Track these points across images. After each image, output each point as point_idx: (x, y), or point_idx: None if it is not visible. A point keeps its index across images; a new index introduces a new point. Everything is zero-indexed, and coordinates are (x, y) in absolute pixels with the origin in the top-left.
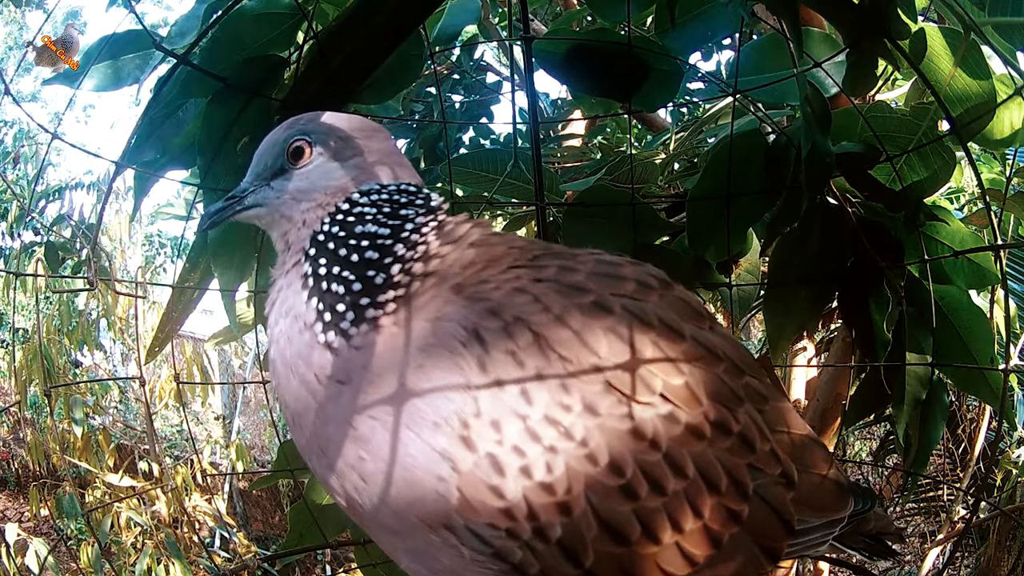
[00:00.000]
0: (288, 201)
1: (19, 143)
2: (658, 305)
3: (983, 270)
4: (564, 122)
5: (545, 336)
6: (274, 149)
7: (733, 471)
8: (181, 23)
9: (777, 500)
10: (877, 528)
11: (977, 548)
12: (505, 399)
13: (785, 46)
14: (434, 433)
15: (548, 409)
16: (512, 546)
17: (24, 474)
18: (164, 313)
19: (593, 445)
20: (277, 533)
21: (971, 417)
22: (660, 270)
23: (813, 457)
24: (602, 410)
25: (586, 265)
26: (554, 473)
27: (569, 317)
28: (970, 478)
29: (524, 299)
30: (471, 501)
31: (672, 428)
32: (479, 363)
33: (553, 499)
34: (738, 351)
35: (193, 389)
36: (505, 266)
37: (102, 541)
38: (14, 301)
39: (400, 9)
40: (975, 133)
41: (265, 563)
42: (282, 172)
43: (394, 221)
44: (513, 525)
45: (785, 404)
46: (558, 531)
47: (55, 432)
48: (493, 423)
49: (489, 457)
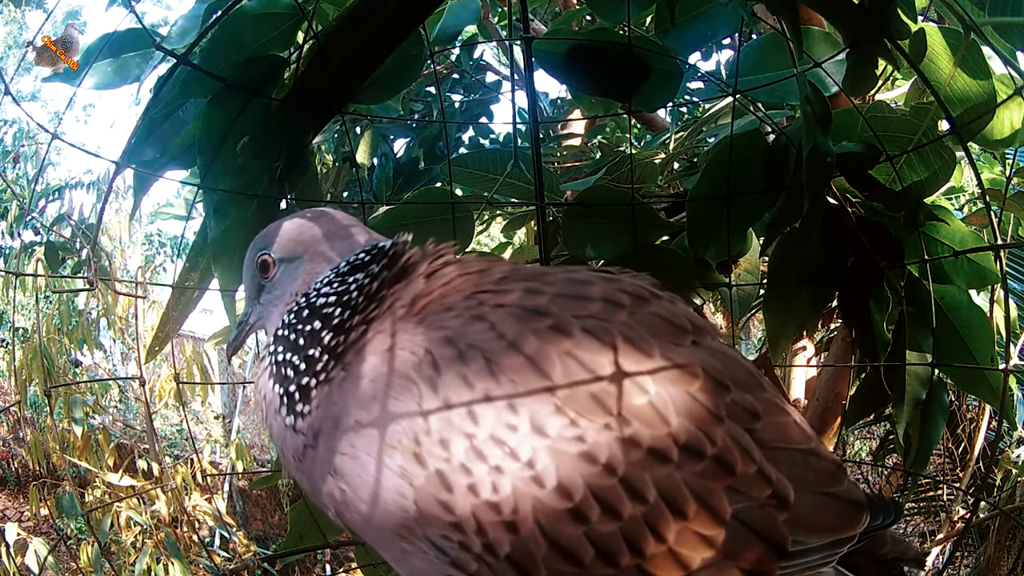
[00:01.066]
0: (270, 309)
1: (19, 142)
2: (625, 324)
3: (983, 270)
4: (564, 122)
5: (497, 362)
6: (250, 271)
7: (704, 496)
8: (181, 23)
9: (764, 524)
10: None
11: (977, 548)
12: (452, 418)
13: (785, 46)
14: (392, 452)
15: (494, 429)
16: (466, 557)
17: (24, 473)
18: (164, 313)
19: (540, 467)
20: (277, 533)
21: (971, 417)
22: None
23: (819, 472)
24: (551, 432)
25: (553, 287)
26: (500, 493)
27: (523, 343)
28: (970, 478)
29: (480, 327)
30: (425, 514)
31: (631, 451)
32: (430, 385)
33: (499, 518)
34: (727, 367)
35: (193, 389)
36: (469, 291)
37: (102, 540)
38: (14, 301)
39: (400, 9)
40: (975, 133)
41: (265, 563)
42: (261, 288)
43: (340, 288)
44: (464, 539)
45: (784, 419)
46: (507, 548)
47: (55, 431)
48: (441, 441)
49: (438, 474)
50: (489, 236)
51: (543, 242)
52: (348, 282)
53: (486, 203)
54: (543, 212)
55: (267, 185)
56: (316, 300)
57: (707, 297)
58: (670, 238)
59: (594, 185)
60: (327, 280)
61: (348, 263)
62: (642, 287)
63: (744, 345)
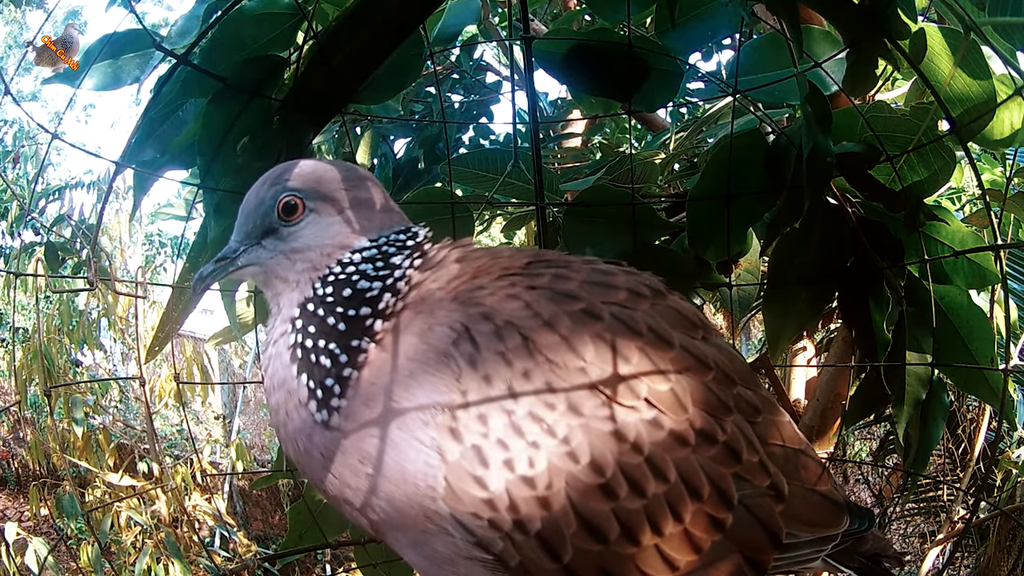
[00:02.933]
0: (283, 261)
1: (19, 142)
2: (648, 314)
3: (983, 270)
4: (564, 122)
5: (534, 340)
6: (262, 207)
7: (717, 479)
8: (181, 23)
9: (764, 512)
10: (875, 549)
11: (977, 548)
12: (492, 394)
13: (785, 46)
14: (424, 427)
15: (533, 406)
16: (494, 536)
17: (24, 473)
18: (164, 313)
19: (575, 444)
20: (277, 533)
21: (971, 417)
22: (655, 279)
23: (807, 472)
24: (585, 411)
25: (580, 273)
26: (535, 468)
27: (558, 323)
28: (970, 478)
29: (516, 305)
30: (456, 490)
31: (655, 433)
32: (469, 360)
33: (533, 493)
34: (732, 362)
35: (193, 389)
36: (497, 274)
37: (102, 541)
38: (14, 301)
39: (401, 8)
40: (975, 133)
41: (265, 563)
42: (273, 231)
43: (384, 271)
44: (495, 516)
45: (779, 417)
46: (538, 524)
47: (55, 431)
48: (480, 416)
49: (474, 449)
50: (489, 236)
51: (543, 242)
52: (392, 264)
53: (486, 203)
54: (543, 212)
55: None
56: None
57: (707, 297)
58: (670, 238)
59: (594, 185)
60: (370, 256)
61: (390, 241)
62: (656, 281)
63: (744, 345)
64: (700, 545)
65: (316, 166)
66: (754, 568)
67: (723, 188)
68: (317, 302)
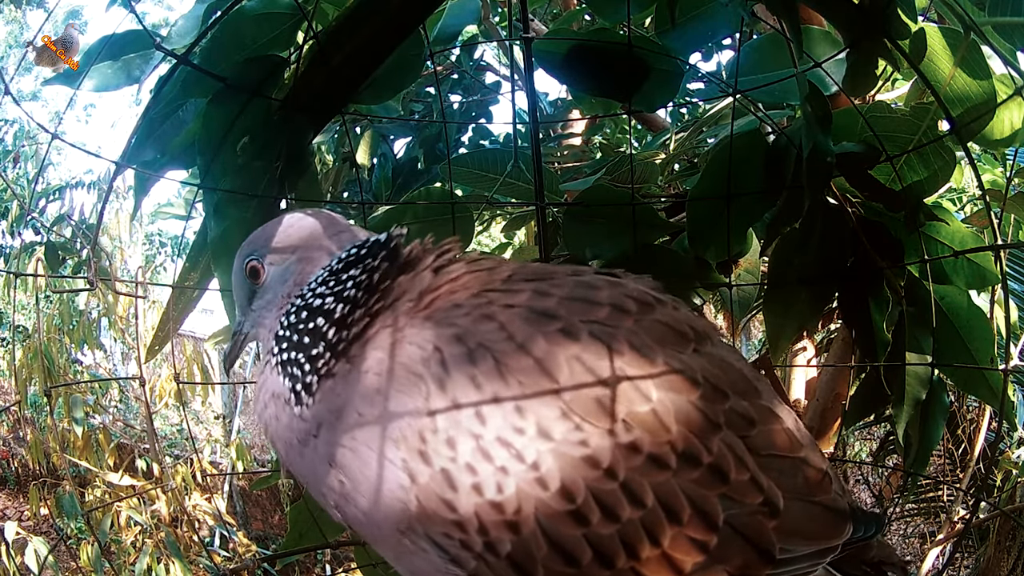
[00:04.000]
0: (265, 314)
1: (19, 142)
2: (631, 330)
3: (983, 270)
4: (564, 122)
5: (506, 363)
6: (239, 278)
7: (699, 502)
8: (181, 23)
9: (753, 530)
10: (879, 557)
11: (977, 548)
12: (460, 418)
13: (785, 46)
14: (395, 447)
15: (501, 431)
16: (466, 556)
17: (24, 473)
18: (164, 312)
19: (544, 469)
20: (277, 533)
21: (971, 417)
22: (650, 287)
23: (808, 481)
24: (556, 435)
25: (561, 289)
26: (504, 493)
27: (533, 345)
28: (970, 478)
29: (490, 327)
30: (427, 511)
31: (632, 457)
32: (438, 383)
33: (502, 517)
34: (726, 373)
35: (193, 388)
36: (477, 289)
37: (102, 540)
38: (14, 300)
39: (401, 8)
40: (975, 133)
41: (265, 563)
42: (253, 294)
43: (336, 286)
44: (465, 537)
45: (777, 426)
46: (508, 547)
47: (55, 431)
48: (448, 440)
49: (443, 472)
50: (489, 236)
51: (543, 242)
52: (343, 279)
53: (486, 203)
54: (543, 212)
55: (267, 185)
56: (312, 300)
57: (707, 297)
58: (670, 238)
59: (594, 185)
60: (320, 279)
61: (341, 260)
62: (646, 292)
63: (744, 346)
64: (681, 567)
65: (269, 227)
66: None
67: (723, 188)
68: (285, 327)
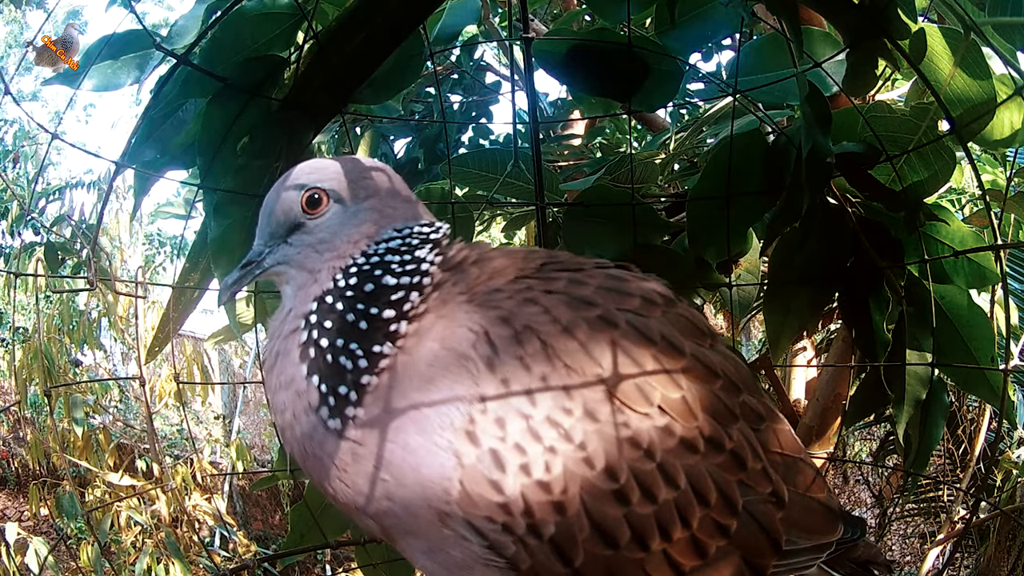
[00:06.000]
0: (311, 254)
1: (19, 142)
2: (661, 321)
3: (983, 270)
4: (564, 122)
5: (552, 345)
6: (284, 204)
7: (723, 486)
8: (181, 23)
9: (766, 518)
10: (866, 556)
11: (977, 548)
12: (510, 398)
13: (785, 46)
14: (440, 430)
15: (550, 411)
16: (506, 540)
17: (24, 473)
18: (164, 313)
19: (591, 449)
20: (277, 533)
21: (971, 417)
22: (664, 287)
23: (805, 480)
24: (601, 417)
25: (595, 279)
26: (552, 473)
27: (576, 329)
28: (970, 478)
29: (535, 309)
30: (471, 494)
31: (667, 440)
32: (488, 364)
33: (549, 497)
34: (737, 370)
35: (193, 389)
36: (512, 276)
37: (102, 540)
38: (14, 300)
39: (400, 9)
40: (975, 133)
41: (265, 563)
42: (299, 226)
43: (410, 266)
44: (509, 520)
45: (780, 425)
46: (551, 529)
47: (55, 431)
48: (498, 420)
49: (491, 452)
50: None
51: (543, 242)
52: (417, 258)
53: (486, 203)
54: (543, 212)
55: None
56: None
57: (707, 297)
58: (670, 238)
59: (594, 185)
60: (395, 247)
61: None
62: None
63: (744, 345)
64: (705, 550)
65: (334, 160)
66: (755, 573)
67: (723, 188)
68: (337, 295)
